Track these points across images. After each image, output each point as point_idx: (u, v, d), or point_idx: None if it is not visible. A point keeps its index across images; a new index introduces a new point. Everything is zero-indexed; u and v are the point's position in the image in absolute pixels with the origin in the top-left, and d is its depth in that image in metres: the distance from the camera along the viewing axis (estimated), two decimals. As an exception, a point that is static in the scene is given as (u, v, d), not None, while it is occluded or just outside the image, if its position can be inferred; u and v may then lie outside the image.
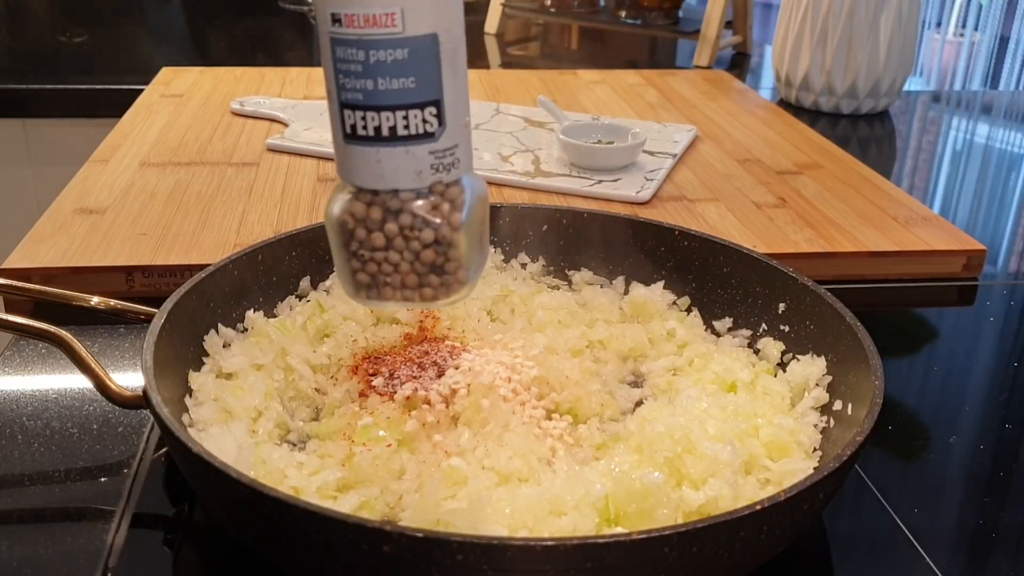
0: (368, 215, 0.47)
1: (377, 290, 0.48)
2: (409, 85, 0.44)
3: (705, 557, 0.44)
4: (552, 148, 1.08)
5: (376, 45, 0.44)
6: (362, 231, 0.47)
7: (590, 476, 0.51)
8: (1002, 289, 0.90)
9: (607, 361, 0.67)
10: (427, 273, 0.48)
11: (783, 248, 0.87)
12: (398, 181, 0.46)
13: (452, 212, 0.47)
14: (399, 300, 0.49)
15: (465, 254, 0.48)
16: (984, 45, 3.53)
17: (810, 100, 1.40)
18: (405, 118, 0.45)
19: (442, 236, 0.47)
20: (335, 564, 0.45)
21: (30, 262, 0.79)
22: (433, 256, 0.47)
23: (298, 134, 1.10)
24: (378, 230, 0.47)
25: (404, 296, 0.48)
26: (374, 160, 0.46)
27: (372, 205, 0.47)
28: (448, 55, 0.45)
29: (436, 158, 0.46)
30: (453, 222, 0.47)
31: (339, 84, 0.45)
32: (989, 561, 0.56)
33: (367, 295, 0.49)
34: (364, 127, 0.45)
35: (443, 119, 0.46)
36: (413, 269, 0.48)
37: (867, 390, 0.54)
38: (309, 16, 1.94)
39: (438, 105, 0.45)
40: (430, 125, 0.45)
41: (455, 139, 0.46)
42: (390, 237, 0.47)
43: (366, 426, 0.56)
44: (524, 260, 0.76)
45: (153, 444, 0.61)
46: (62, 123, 1.41)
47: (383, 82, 0.44)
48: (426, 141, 0.46)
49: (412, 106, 0.45)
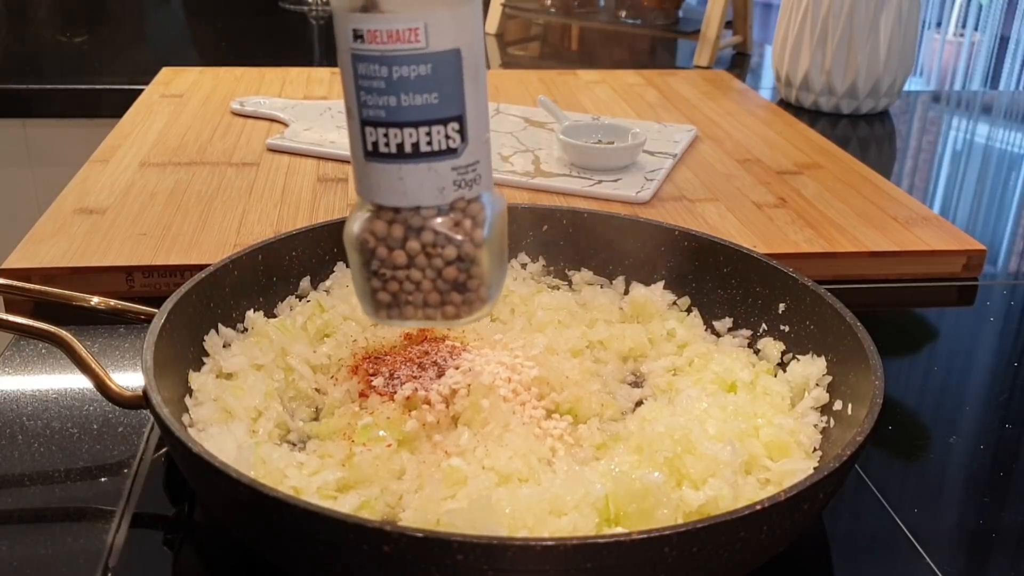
0: (390, 233, 0.46)
1: (399, 309, 0.48)
2: (432, 101, 0.44)
3: (705, 557, 0.44)
4: (552, 148, 1.08)
5: (399, 61, 0.43)
6: (383, 249, 0.47)
7: (590, 476, 0.51)
8: (1002, 289, 0.90)
9: (607, 361, 0.67)
10: (449, 291, 0.48)
11: (783, 248, 0.87)
12: (420, 198, 0.46)
13: (474, 229, 0.47)
14: (420, 319, 0.48)
15: (487, 271, 0.48)
16: (984, 45, 3.53)
17: (810, 100, 1.40)
18: (428, 134, 0.45)
19: (465, 253, 0.47)
20: (335, 564, 0.45)
21: (30, 262, 0.79)
22: (455, 273, 0.47)
23: (298, 134, 1.10)
24: (400, 248, 0.47)
25: (426, 315, 0.48)
26: (396, 177, 0.45)
27: (394, 223, 0.46)
28: (471, 70, 0.45)
29: (458, 174, 0.46)
30: (475, 239, 0.47)
31: (360, 101, 0.45)
32: (989, 561, 0.56)
33: (388, 314, 0.48)
34: (387, 144, 0.45)
35: (465, 135, 0.45)
36: (435, 287, 0.47)
37: (867, 390, 0.54)
38: (309, 16, 1.94)
39: (461, 121, 0.45)
40: (453, 141, 0.45)
41: (476, 155, 0.46)
42: (412, 255, 0.47)
43: (366, 426, 0.56)
44: (524, 260, 0.76)
45: (153, 444, 0.61)
46: (62, 123, 1.41)
47: (406, 98, 0.44)
48: (449, 157, 0.45)
49: (435, 122, 0.45)
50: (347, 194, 0.96)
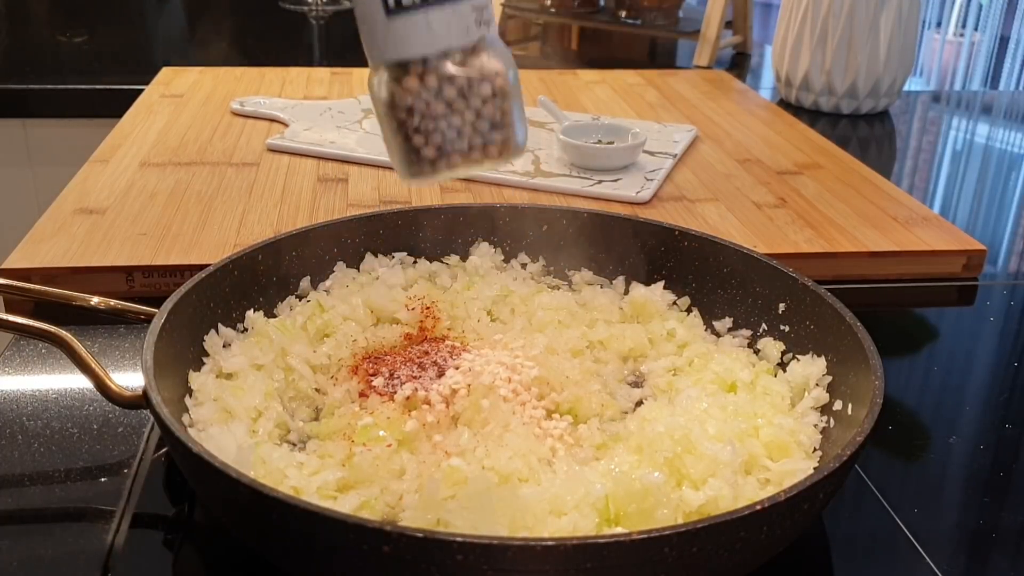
0: (424, 84, 0.47)
1: (446, 159, 0.48)
2: None
3: (705, 557, 0.44)
4: (552, 148, 1.08)
5: None
6: (420, 103, 0.47)
7: (590, 476, 0.51)
8: (1002, 289, 0.90)
9: (607, 361, 0.67)
10: (489, 130, 0.48)
11: (783, 248, 0.87)
12: (451, 39, 0.46)
13: (499, 63, 0.48)
14: (466, 165, 0.49)
15: (519, 104, 0.49)
16: (984, 45, 3.54)
17: (810, 100, 1.40)
18: None
19: (498, 87, 0.48)
20: (335, 564, 0.45)
21: (30, 262, 0.79)
22: (493, 110, 0.48)
23: (298, 134, 1.10)
24: (436, 98, 0.47)
25: (472, 159, 0.48)
26: (424, 25, 0.46)
27: (425, 74, 0.47)
28: None
29: (477, 13, 0.47)
30: (503, 73, 0.48)
31: None
32: (989, 561, 0.56)
33: (434, 169, 0.49)
34: None
35: None
36: (476, 129, 0.48)
37: (867, 390, 0.54)
38: (309, 16, 1.94)
39: None
40: None
41: None
42: (449, 101, 0.47)
43: (366, 426, 0.56)
44: (524, 260, 0.76)
45: (153, 444, 0.61)
46: (62, 123, 1.41)
47: None
48: None
49: None
50: (347, 194, 0.96)
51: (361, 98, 1.26)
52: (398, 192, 0.97)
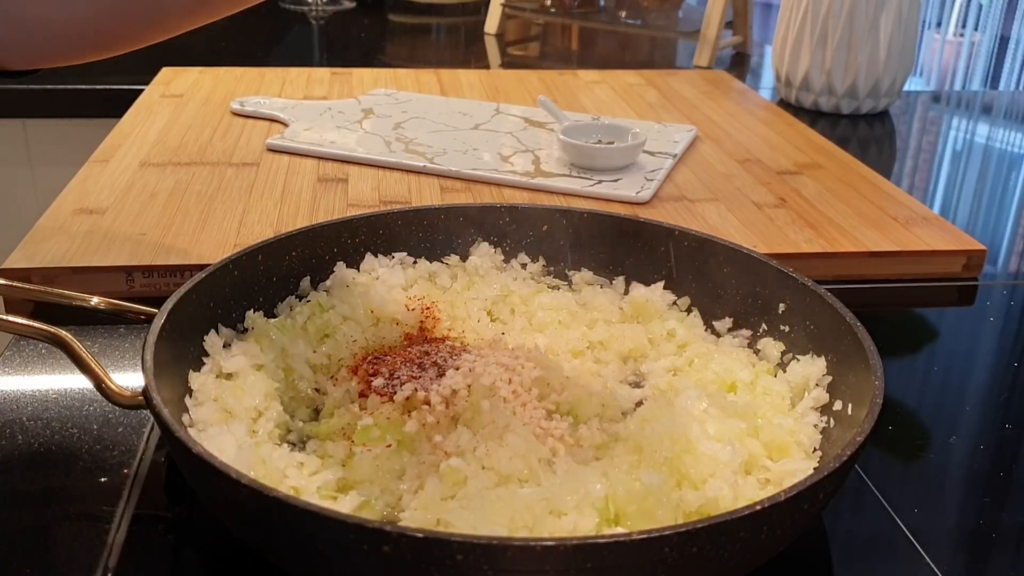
0: None
1: None
2: None
3: (705, 557, 0.44)
4: (552, 148, 1.08)
5: None
6: None
7: (590, 476, 0.51)
8: (1002, 289, 0.90)
9: (607, 361, 0.67)
10: None
11: (783, 248, 0.87)
12: None
13: None
14: None
15: None
16: (984, 45, 3.54)
17: (810, 100, 1.40)
18: None
19: None
20: (335, 564, 0.45)
21: (30, 262, 0.79)
22: None
23: (298, 134, 1.10)
24: None
25: None
26: None
27: None
28: None
29: None
30: None
31: None
32: (989, 561, 0.56)
33: None
34: None
35: None
36: None
37: (867, 390, 0.54)
38: (309, 16, 1.94)
39: None
40: None
41: None
42: None
43: (366, 427, 0.56)
44: (524, 260, 0.76)
45: (153, 444, 0.61)
46: (62, 123, 1.41)
47: None
48: None
49: None
50: (347, 194, 0.96)
51: (361, 98, 1.26)
52: (398, 192, 0.97)
